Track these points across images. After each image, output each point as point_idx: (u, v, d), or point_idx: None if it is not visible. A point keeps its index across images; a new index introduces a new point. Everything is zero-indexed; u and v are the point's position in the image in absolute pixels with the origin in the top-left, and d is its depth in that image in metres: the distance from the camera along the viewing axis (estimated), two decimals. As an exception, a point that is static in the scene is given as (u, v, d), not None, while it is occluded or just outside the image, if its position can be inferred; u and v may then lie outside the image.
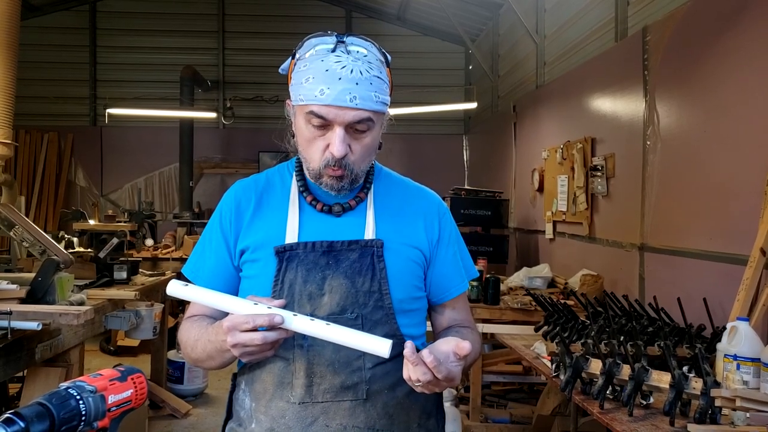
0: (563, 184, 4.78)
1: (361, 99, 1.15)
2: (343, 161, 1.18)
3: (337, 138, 1.17)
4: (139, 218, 5.94)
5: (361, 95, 1.15)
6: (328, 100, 1.14)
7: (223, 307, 1.13)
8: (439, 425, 1.35)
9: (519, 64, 6.48)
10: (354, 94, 1.14)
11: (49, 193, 8.81)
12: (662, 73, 3.39)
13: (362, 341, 1.08)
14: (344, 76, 1.14)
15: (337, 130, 1.17)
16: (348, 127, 1.17)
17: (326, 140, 1.19)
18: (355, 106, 1.15)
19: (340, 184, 1.21)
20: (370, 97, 1.16)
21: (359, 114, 1.16)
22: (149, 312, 3.44)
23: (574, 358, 1.98)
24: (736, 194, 2.72)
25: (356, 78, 1.14)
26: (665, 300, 2.83)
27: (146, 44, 8.98)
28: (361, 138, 1.20)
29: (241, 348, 1.09)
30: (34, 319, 2.49)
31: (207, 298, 1.15)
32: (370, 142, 1.21)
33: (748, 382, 1.77)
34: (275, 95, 8.78)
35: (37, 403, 0.80)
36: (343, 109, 1.15)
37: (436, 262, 1.33)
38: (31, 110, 8.54)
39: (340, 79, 1.14)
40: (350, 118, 1.16)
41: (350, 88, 1.14)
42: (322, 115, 1.16)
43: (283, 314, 1.08)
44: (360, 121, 1.17)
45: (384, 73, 1.21)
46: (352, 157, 1.20)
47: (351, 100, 1.14)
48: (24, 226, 3.28)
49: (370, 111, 1.17)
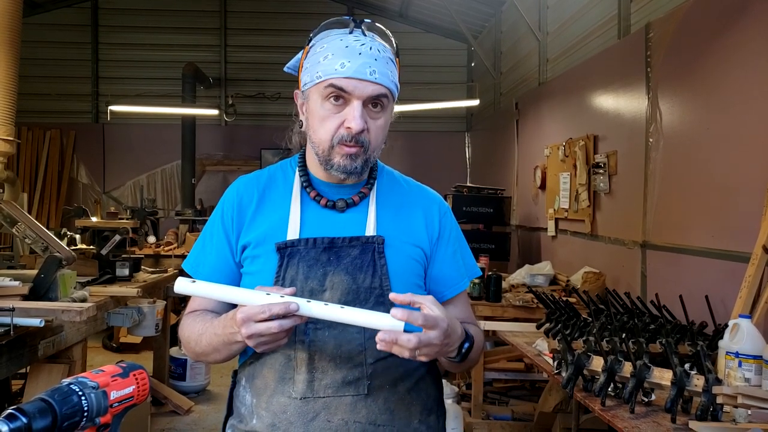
0: (565, 182, 4.77)
1: (380, 74, 1.18)
2: (360, 138, 1.19)
3: (356, 111, 1.18)
4: (141, 215, 5.94)
5: (380, 71, 1.18)
6: (349, 72, 1.17)
7: (235, 300, 1.12)
8: (440, 422, 1.35)
9: (521, 61, 6.47)
10: (374, 68, 1.18)
11: (52, 190, 8.82)
12: (665, 70, 3.39)
13: (377, 320, 1.06)
14: (364, 51, 1.18)
15: (355, 103, 1.18)
16: (364, 104, 1.19)
17: (342, 117, 1.19)
18: (374, 80, 1.17)
19: (353, 163, 1.21)
20: (387, 74, 1.20)
21: (378, 88, 1.18)
22: (151, 309, 3.45)
23: (576, 355, 1.98)
24: (739, 192, 2.72)
25: (375, 54, 1.19)
26: (667, 297, 2.83)
27: (148, 41, 8.98)
28: (376, 118, 1.22)
29: (257, 338, 1.07)
30: (37, 316, 2.49)
31: (216, 293, 1.14)
32: (383, 124, 1.24)
33: (750, 380, 1.77)
34: (277, 92, 8.78)
35: (39, 399, 0.80)
36: (363, 81, 1.17)
37: (436, 260, 1.33)
38: (34, 107, 8.56)
39: (360, 54, 1.18)
40: (370, 91, 1.18)
41: (370, 63, 1.17)
42: (342, 87, 1.17)
43: (298, 301, 1.07)
44: (378, 96, 1.19)
45: (395, 60, 1.25)
46: (368, 135, 1.21)
47: (371, 74, 1.17)
48: (26, 223, 3.28)
49: (387, 88, 1.20)
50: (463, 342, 1.15)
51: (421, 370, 1.29)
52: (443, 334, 1.06)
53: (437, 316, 1.06)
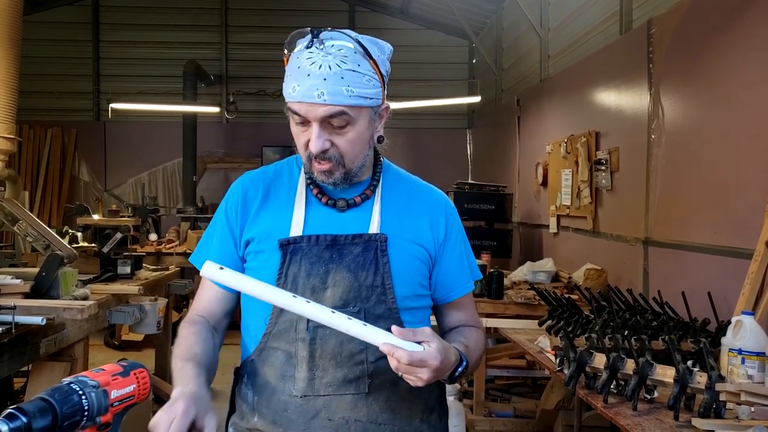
0: (567, 179, 4.76)
1: (329, 94, 1.14)
2: (327, 155, 1.19)
3: (313, 134, 1.18)
4: (142, 213, 5.92)
5: (330, 90, 1.14)
6: (298, 97, 1.15)
7: (258, 295, 1.12)
8: (442, 420, 1.35)
9: (523, 58, 6.45)
10: (321, 90, 1.13)
11: (53, 188, 8.82)
12: (667, 66, 3.37)
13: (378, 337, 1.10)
14: (312, 72, 1.14)
15: (313, 125, 1.18)
16: (325, 122, 1.17)
17: (307, 135, 1.20)
18: (323, 102, 1.14)
19: (330, 178, 1.22)
20: (340, 91, 1.14)
21: (329, 109, 1.15)
22: (153, 307, 3.45)
23: (578, 352, 1.97)
24: (741, 188, 2.71)
25: (324, 73, 1.13)
26: (669, 294, 2.82)
27: (149, 39, 8.97)
28: (343, 133, 1.19)
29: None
30: (38, 314, 2.50)
31: (240, 284, 1.13)
32: (354, 137, 1.20)
33: (753, 377, 1.76)
34: (278, 89, 8.68)
35: (39, 399, 0.80)
36: (313, 105, 1.15)
37: (442, 261, 1.32)
38: (35, 105, 8.56)
39: (309, 75, 1.14)
40: (321, 113, 1.16)
41: (317, 84, 1.13)
42: (296, 111, 1.17)
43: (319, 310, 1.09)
44: (332, 116, 1.16)
45: (366, 65, 1.17)
46: (336, 150, 1.20)
47: (319, 96, 1.14)
48: (28, 220, 3.28)
49: (343, 105, 1.15)
50: (457, 367, 1.17)
51: None
52: (432, 372, 1.08)
53: (424, 357, 1.07)
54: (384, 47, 1.24)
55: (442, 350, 1.10)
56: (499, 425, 3.82)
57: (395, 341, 1.07)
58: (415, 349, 1.07)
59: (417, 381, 1.08)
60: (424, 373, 1.07)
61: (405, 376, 1.09)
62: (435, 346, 1.09)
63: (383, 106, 1.25)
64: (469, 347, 1.25)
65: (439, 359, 1.08)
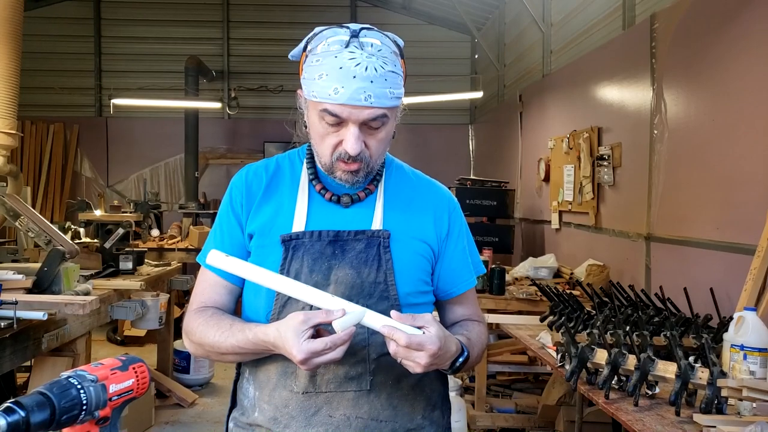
0: (569, 174, 4.75)
1: (376, 97, 1.13)
2: (359, 156, 1.18)
3: (352, 136, 1.15)
4: (144, 209, 5.94)
5: (376, 93, 1.13)
6: (343, 99, 1.12)
7: (267, 284, 1.12)
8: (445, 417, 1.34)
9: (525, 53, 6.43)
10: (369, 93, 1.12)
11: (55, 184, 8.83)
12: (670, 61, 3.36)
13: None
14: (359, 74, 1.11)
15: (351, 128, 1.15)
16: (362, 124, 1.16)
17: (339, 136, 1.17)
18: (370, 105, 1.13)
19: (355, 178, 1.21)
20: (385, 94, 1.14)
21: (374, 112, 1.14)
22: (155, 302, 3.45)
23: (580, 348, 1.97)
24: (744, 183, 2.70)
25: (371, 76, 1.12)
26: (672, 290, 2.81)
27: (151, 34, 8.96)
28: (376, 133, 1.19)
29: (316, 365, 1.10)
30: (40, 309, 2.50)
31: (249, 272, 1.12)
32: (384, 136, 1.20)
33: (755, 372, 1.76)
34: (280, 85, 8.76)
35: (37, 393, 0.80)
36: (358, 108, 1.13)
37: (445, 257, 1.32)
38: (37, 101, 8.56)
39: (355, 77, 1.11)
40: (365, 116, 1.14)
41: (365, 87, 1.11)
42: (337, 114, 1.14)
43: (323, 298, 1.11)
44: (375, 119, 1.15)
45: (398, 65, 1.18)
46: (368, 152, 1.19)
47: (366, 99, 1.12)
48: (29, 216, 3.29)
49: (385, 108, 1.15)
50: (458, 357, 1.17)
51: None
52: (430, 357, 1.07)
53: (422, 341, 1.07)
54: (400, 44, 1.24)
55: (442, 337, 1.10)
56: (500, 421, 3.83)
57: (395, 324, 1.08)
58: (413, 332, 1.07)
59: (415, 366, 1.08)
60: (422, 358, 1.07)
61: (403, 362, 1.09)
62: (434, 331, 1.09)
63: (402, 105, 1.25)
64: (471, 340, 1.25)
65: (437, 344, 1.07)
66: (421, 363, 1.07)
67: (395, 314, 1.09)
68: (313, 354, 1.06)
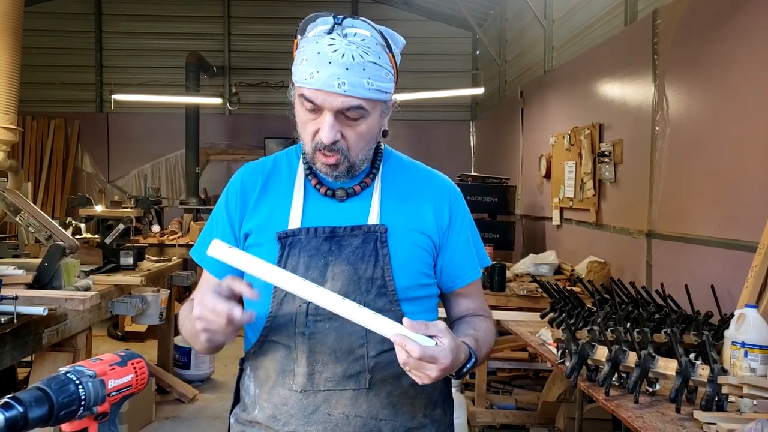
0: (570, 171, 4.74)
1: (350, 85, 1.10)
2: (335, 147, 1.16)
3: (326, 124, 1.14)
4: (145, 204, 5.95)
5: (351, 81, 1.10)
6: (317, 84, 1.11)
7: (266, 278, 1.10)
8: (447, 414, 1.32)
9: (527, 49, 6.42)
10: (343, 80, 1.09)
11: (56, 180, 8.84)
12: (672, 57, 3.35)
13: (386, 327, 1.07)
14: (334, 60, 1.09)
15: (326, 115, 1.14)
16: (339, 114, 1.14)
17: (317, 124, 1.16)
18: (343, 93, 1.10)
19: (334, 172, 1.19)
20: (362, 83, 1.11)
21: (348, 101, 1.12)
22: (155, 298, 3.45)
23: (580, 344, 1.97)
24: (746, 180, 2.69)
25: (347, 63, 1.09)
26: (672, 287, 2.81)
27: (151, 30, 8.95)
28: (355, 125, 1.16)
29: (203, 321, 1.07)
30: (41, 304, 2.50)
31: (250, 265, 1.10)
32: (365, 130, 1.18)
33: (756, 370, 1.75)
34: (281, 81, 8.75)
35: (35, 388, 0.79)
36: (331, 94, 1.11)
37: (447, 248, 1.29)
38: (38, 96, 8.56)
39: (330, 63, 1.09)
40: (338, 104, 1.12)
41: (339, 73, 1.09)
42: (311, 99, 1.13)
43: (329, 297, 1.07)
44: (349, 108, 1.13)
45: (385, 58, 1.15)
46: (345, 143, 1.17)
47: (339, 86, 1.10)
48: (30, 211, 3.29)
49: (361, 98, 1.12)
50: (465, 363, 1.14)
51: None
52: (440, 371, 1.04)
53: (436, 354, 1.03)
54: (398, 40, 1.22)
55: (454, 348, 1.06)
56: (500, 417, 3.83)
57: (407, 333, 1.04)
58: (427, 343, 1.03)
59: (424, 378, 1.04)
60: (432, 371, 1.03)
61: (412, 372, 1.05)
62: (447, 343, 1.05)
63: (392, 101, 1.22)
64: (479, 341, 1.22)
65: (449, 358, 1.04)
66: (432, 376, 1.04)
67: (407, 322, 1.05)
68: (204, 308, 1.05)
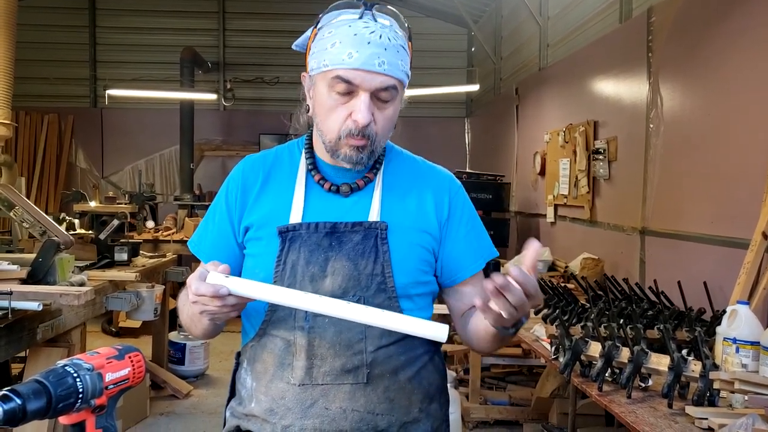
0: (565, 168, 4.76)
1: (389, 65, 1.14)
2: (367, 130, 1.16)
3: (362, 104, 1.15)
4: (139, 200, 5.93)
5: (389, 61, 1.14)
6: (357, 63, 1.13)
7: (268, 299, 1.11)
8: (442, 409, 1.33)
9: (522, 46, 6.43)
10: (383, 59, 1.13)
11: (50, 175, 8.79)
12: (666, 55, 3.36)
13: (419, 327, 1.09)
14: (373, 40, 1.14)
15: (362, 96, 1.15)
16: (372, 96, 1.16)
17: (349, 108, 1.17)
18: (383, 71, 1.14)
19: (359, 155, 1.19)
20: (397, 64, 1.16)
21: (387, 80, 1.15)
22: (150, 293, 3.45)
23: (574, 340, 1.98)
24: (739, 178, 2.71)
25: (385, 44, 1.14)
26: (666, 283, 2.83)
27: (146, 25, 8.89)
28: (384, 109, 1.19)
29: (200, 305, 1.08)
30: (35, 300, 2.50)
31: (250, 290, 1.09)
32: (392, 114, 1.20)
33: (747, 365, 1.77)
34: (276, 77, 8.72)
35: (34, 381, 0.80)
36: (371, 73, 1.14)
37: (447, 241, 1.29)
38: (32, 91, 8.50)
39: (369, 43, 1.13)
40: (378, 83, 1.14)
41: (379, 53, 1.13)
42: (349, 79, 1.14)
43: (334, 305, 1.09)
44: (386, 89, 1.16)
45: (406, 46, 1.21)
46: (375, 127, 1.18)
47: (380, 65, 1.13)
48: (24, 206, 3.28)
49: (396, 79, 1.16)
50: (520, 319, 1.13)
51: (423, 357, 1.27)
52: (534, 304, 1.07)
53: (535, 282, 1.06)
54: (409, 31, 1.26)
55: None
56: (494, 413, 3.85)
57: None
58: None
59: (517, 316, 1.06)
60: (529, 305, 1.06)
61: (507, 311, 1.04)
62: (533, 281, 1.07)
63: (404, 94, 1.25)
64: None
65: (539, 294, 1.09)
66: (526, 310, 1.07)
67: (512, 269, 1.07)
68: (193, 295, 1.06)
